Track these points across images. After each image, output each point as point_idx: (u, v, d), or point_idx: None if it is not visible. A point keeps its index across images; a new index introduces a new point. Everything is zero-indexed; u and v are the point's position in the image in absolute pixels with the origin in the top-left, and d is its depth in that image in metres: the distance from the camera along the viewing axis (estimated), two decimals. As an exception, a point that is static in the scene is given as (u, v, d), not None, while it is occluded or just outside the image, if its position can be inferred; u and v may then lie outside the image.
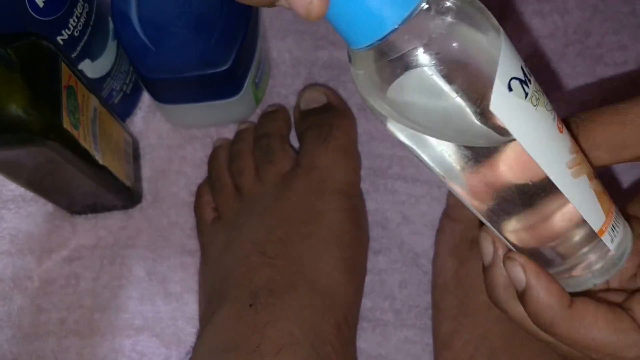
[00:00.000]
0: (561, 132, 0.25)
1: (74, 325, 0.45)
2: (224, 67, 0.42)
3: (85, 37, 0.42)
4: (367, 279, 0.45)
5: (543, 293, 0.26)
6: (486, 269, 0.28)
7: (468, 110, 0.22)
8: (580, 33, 0.50)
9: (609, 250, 0.27)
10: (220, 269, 0.42)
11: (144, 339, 0.45)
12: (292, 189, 0.43)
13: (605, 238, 0.26)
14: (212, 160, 0.47)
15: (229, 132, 0.49)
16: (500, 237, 0.27)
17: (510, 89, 0.22)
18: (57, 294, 0.46)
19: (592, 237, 0.26)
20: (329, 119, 0.46)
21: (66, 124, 0.37)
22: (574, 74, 0.49)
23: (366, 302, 0.44)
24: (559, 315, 0.26)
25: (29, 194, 0.48)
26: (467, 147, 0.23)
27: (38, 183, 0.44)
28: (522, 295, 0.26)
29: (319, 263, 0.41)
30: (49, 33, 0.39)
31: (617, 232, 0.27)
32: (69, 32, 0.40)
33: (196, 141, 0.49)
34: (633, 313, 0.27)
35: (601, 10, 0.50)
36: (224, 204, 0.45)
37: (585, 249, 0.26)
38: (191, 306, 0.45)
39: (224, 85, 0.44)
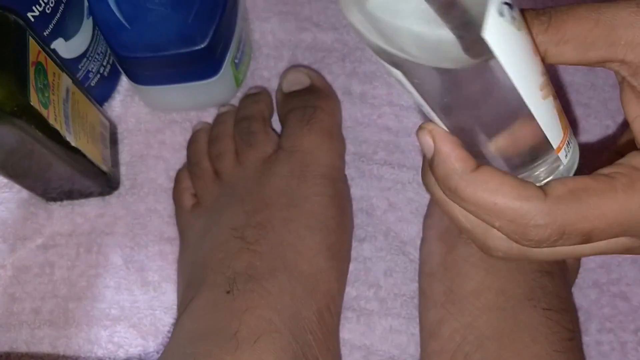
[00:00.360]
0: (536, 54, 0.25)
1: (49, 315, 0.44)
2: (202, 45, 0.40)
3: (58, 15, 0.40)
4: (351, 267, 0.43)
5: (448, 157, 0.26)
6: (429, 163, 0.28)
7: (455, 34, 0.21)
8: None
9: (560, 164, 0.27)
10: (198, 255, 0.41)
11: (120, 329, 0.43)
12: (274, 172, 0.42)
13: (561, 154, 0.27)
14: (192, 144, 0.46)
15: (209, 116, 0.47)
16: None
17: (501, 14, 0.21)
18: (31, 283, 0.44)
19: (550, 153, 0.27)
20: (312, 101, 0.44)
21: (34, 101, 0.36)
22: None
23: (350, 291, 0.43)
24: (462, 179, 0.26)
25: (3, 180, 0.46)
26: (446, 70, 0.23)
27: (11, 167, 0.42)
28: (431, 163, 0.27)
29: (301, 249, 0.39)
30: (19, 8, 0.37)
31: (570, 147, 0.28)
32: (40, 8, 0.39)
33: (175, 125, 0.48)
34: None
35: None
36: (203, 190, 0.44)
37: (538, 163, 0.27)
38: (169, 296, 0.44)
39: (202, 65, 0.42)
